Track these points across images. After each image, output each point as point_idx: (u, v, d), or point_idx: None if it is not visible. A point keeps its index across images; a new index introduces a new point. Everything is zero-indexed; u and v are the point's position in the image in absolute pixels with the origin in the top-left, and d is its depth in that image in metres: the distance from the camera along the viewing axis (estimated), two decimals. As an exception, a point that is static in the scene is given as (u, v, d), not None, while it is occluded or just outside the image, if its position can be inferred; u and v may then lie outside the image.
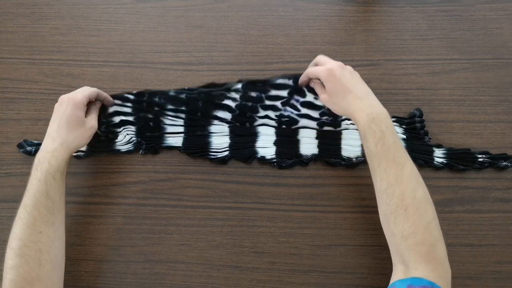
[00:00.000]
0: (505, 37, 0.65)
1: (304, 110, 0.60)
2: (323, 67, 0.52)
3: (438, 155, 0.58)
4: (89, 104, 0.57)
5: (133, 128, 0.61)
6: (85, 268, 0.56)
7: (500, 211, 0.56)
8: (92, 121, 0.55)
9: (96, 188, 0.59)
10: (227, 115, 0.61)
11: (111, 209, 0.58)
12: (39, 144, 0.60)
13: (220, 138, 0.61)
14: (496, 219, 0.56)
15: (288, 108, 0.60)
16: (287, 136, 0.61)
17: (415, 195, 0.44)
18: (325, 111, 0.60)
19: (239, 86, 0.60)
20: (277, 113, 0.61)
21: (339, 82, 0.50)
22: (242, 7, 0.70)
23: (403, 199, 0.44)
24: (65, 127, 0.52)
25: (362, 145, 0.59)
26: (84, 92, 0.54)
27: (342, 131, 0.60)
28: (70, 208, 0.58)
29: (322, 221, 0.57)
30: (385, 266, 0.55)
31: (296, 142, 0.60)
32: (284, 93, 0.60)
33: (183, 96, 0.61)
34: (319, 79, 0.53)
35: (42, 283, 0.45)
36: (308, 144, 0.60)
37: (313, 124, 0.61)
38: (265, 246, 0.56)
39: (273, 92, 0.60)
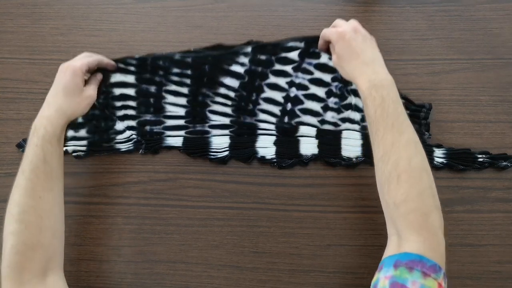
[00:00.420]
0: (505, 37, 0.65)
1: (317, 74, 0.60)
2: (335, 29, 0.52)
3: (438, 155, 0.58)
4: (91, 74, 0.57)
5: (133, 103, 0.60)
6: (85, 268, 0.56)
7: (500, 211, 0.56)
8: (90, 91, 0.55)
9: (96, 188, 0.59)
10: (234, 83, 0.60)
11: (111, 209, 0.58)
12: None
13: (220, 138, 0.61)
14: (496, 219, 0.56)
15: (300, 74, 0.60)
16: (287, 135, 0.61)
17: (410, 162, 0.42)
18: (337, 75, 0.60)
19: (249, 49, 0.59)
20: (288, 80, 0.60)
21: (347, 45, 0.50)
22: (242, 7, 0.70)
23: (397, 166, 0.42)
24: (62, 93, 0.51)
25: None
26: (83, 60, 0.54)
27: (343, 131, 0.60)
28: (70, 208, 0.58)
29: (322, 221, 0.57)
30: (385, 266, 0.55)
31: (296, 142, 0.60)
32: (295, 55, 0.59)
33: (189, 59, 0.59)
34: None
35: (44, 249, 0.44)
36: (308, 144, 0.60)
37: (322, 92, 0.60)
38: (265, 246, 0.56)
39: (284, 54, 0.59)
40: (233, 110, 0.61)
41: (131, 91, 0.60)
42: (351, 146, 0.60)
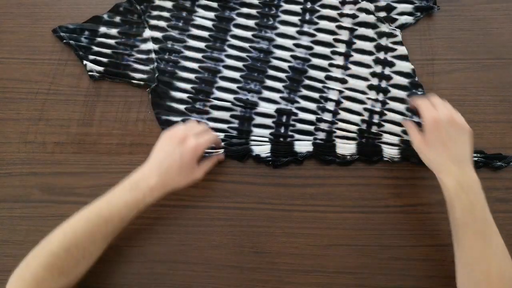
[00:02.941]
0: (505, 37, 0.65)
1: None
2: (431, 114, 0.50)
3: None
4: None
5: (167, 14, 0.66)
6: (85, 268, 0.56)
7: (500, 211, 0.56)
8: (199, 174, 0.54)
9: (96, 188, 0.59)
10: None
11: (111, 209, 0.58)
12: (74, 30, 0.66)
13: (222, 113, 0.61)
14: (496, 219, 0.55)
15: None
16: (297, 76, 0.63)
17: (504, 275, 0.42)
18: None
19: None
20: None
21: (438, 135, 0.49)
22: (242, 7, 0.70)
23: (489, 277, 0.42)
24: (177, 171, 0.50)
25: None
26: (207, 141, 0.53)
27: (337, 130, 0.60)
28: (70, 208, 0.58)
29: (322, 221, 0.57)
30: (385, 266, 0.55)
31: (291, 141, 0.60)
32: None
33: None
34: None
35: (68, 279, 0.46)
36: (302, 141, 0.60)
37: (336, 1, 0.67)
38: (265, 246, 0.56)
39: None
40: (256, 23, 0.66)
41: (168, 4, 0.67)
42: (345, 144, 0.59)
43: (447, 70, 0.64)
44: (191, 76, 0.63)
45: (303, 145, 0.60)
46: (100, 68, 0.64)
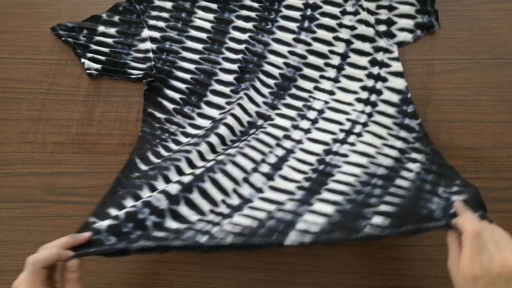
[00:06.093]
0: (505, 37, 0.65)
1: None
2: (474, 260, 0.42)
3: (413, 168, 0.53)
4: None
5: (166, 15, 0.66)
6: (85, 268, 0.55)
7: (500, 211, 0.56)
8: None
9: (96, 188, 0.59)
10: None
11: (111, 209, 0.58)
12: (73, 28, 0.66)
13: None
14: (496, 219, 0.56)
15: None
16: (290, 81, 0.62)
17: None
18: None
19: None
20: None
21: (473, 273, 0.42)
22: (242, 7, 0.70)
23: None
24: None
25: None
26: (26, 276, 0.40)
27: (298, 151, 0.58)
28: (70, 208, 0.58)
29: (322, 221, 0.57)
30: (385, 266, 0.55)
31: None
32: None
33: None
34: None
35: None
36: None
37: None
38: (265, 246, 0.56)
39: None
40: (254, 26, 0.66)
41: (168, 5, 0.67)
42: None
43: (447, 70, 0.64)
44: (187, 76, 0.63)
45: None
46: (98, 66, 0.64)
